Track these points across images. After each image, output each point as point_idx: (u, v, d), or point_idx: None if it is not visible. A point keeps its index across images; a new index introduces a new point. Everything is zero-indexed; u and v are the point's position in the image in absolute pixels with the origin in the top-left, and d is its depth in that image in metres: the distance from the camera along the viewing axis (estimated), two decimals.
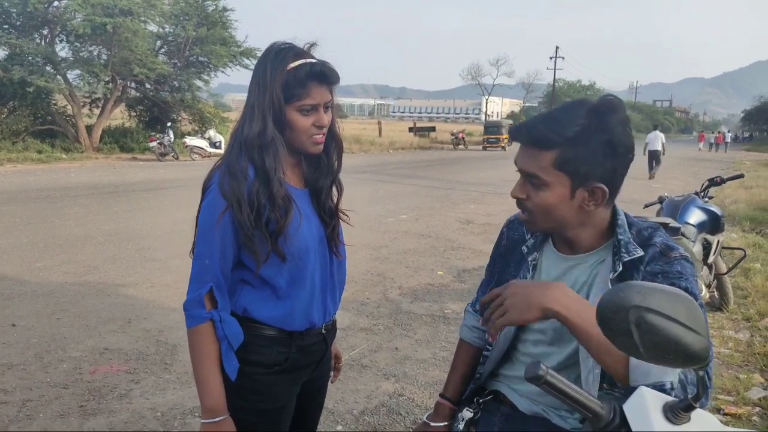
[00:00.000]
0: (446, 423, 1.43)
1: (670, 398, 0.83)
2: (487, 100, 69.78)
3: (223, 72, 22.40)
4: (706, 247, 4.64)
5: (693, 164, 24.60)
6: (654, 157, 17.32)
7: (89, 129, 19.67)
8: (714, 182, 5.11)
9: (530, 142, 1.15)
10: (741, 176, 5.67)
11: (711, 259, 4.65)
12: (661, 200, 4.95)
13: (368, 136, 30.80)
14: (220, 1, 21.06)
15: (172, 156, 18.56)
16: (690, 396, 0.79)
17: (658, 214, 4.76)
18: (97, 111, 20.49)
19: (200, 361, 1.36)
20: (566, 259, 1.25)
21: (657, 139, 17.65)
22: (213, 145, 19.60)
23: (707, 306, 4.93)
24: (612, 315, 0.78)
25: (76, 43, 18.78)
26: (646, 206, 5.19)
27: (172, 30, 21.01)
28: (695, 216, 4.66)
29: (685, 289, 1.07)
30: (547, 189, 1.15)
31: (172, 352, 3.75)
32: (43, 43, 18.53)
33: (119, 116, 22.37)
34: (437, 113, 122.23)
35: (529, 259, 1.30)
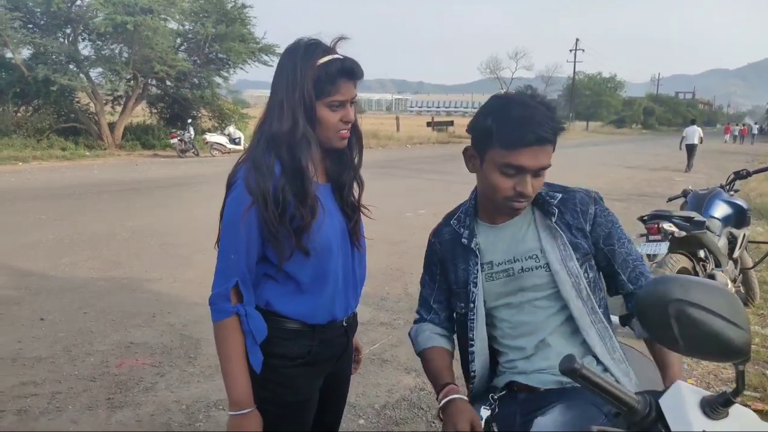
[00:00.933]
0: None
1: (707, 393, 0.81)
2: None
3: (241, 68, 22.52)
4: (732, 241, 4.57)
5: (718, 157, 24.16)
6: (691, 151, 17.83)
7: (111, 126, 19.95)
8: (740, 175, 5.01)
9: (549, 141, 1.30)
10: (767, 169, 5.56)
11: (737, 254, 4.57)
12: (685, 194, 4.87)
13: (386, 131, 30.76)
14: None
15: (193, 152, 18.75)
16: (728, 391, 0.78)
17: (682, 208, 4.69)
18: (119, 108, 20.76)
19: (227, 354, 1.38)
20: (499, 226, 1.44)
21: (695, 134, 18.16)
22: (232, 141, 19.75)
23: None
24: (652, 307, 0.78)
25: (98, 42, 19.04)
26: (670, 200, 5.11)
27: (191, 27, 21.16)
28: (720, 210, 4.59)
29: (621, 229, 1.42)
30: (545, 171, 1.35)
31: (196, 345, 3.80)
32: (66, 42, 18.81)
33: (141, 113, 22.65)
34: (455, 107, 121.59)
35: (473, 245, 1.43)
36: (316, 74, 1.34)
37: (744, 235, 4.66)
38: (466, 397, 1.37)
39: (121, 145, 19.72)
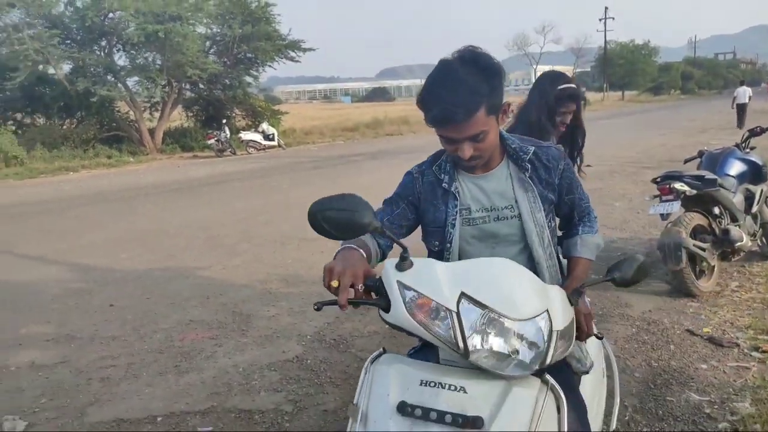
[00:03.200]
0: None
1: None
2: (535, 69, 68.08)
3: (270, 66, 23.08)
4: (749, 197, 4.71)
5: (759, 117, 23.46)
6: (742, 110, 18.96)
7: (151, 132, 20.81)
8: (754, 132, 5.13)
9: (463, 118, 1.39)
10: None
11: (755, 209, 4.72)
12: (700, 154, 5.02)
13: (417, 117, 30.80)
14: None
15: (230, 151, 19.40)
16: (407, 251, 1.29)
17: (698, 168, 4.85)
18: (156, 114, 21.60)
19: None
20: (479, 177, 1.60)
21: (745, 94, 19.28)
22: (266, 137, 20.32)
23: (754, 255, 5.00)
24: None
25: (132, 51, 19.84)
26: (686, 161, 5.27)
27: (219, 30, 21.78)
28: (735, 167, 4.73)
29: (575, 177, 1.68)
30: (488, 134, 1.47)
31: (247, 320, 4.24)
32: (102, 54, 19.67)
33: (177, 117, 23.48)
34: None
35: (452, 189, 1.59)
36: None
37: (761, 190, 4.79)
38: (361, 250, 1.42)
39: (161, 150, 20.56)
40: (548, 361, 1.21)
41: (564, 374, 1.45)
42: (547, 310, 1.23)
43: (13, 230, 8.03)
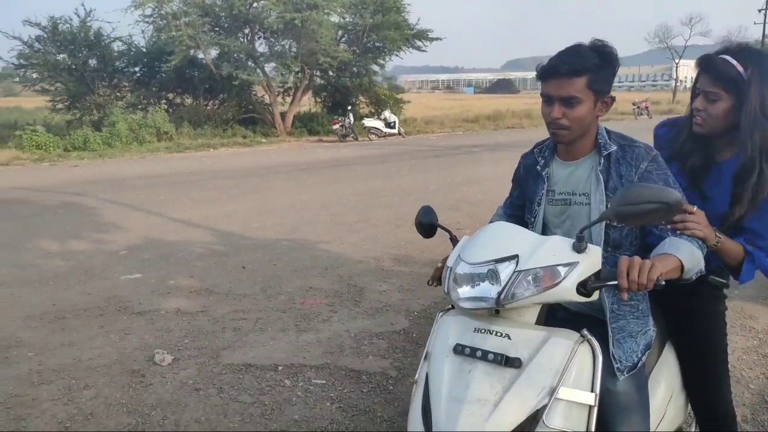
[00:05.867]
0: None
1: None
2: (677, 64, 62.90)
3: (396, 55, 23.54)
4: None
5: None
6: None
7: (283, 116, 22.15)
8: None
9: (567, 73, 1.58)
10: None
11: None
12: None
13: (540, 111, 29.94)
14: None
15: (352, 137, 20.16)
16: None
17: None
18: (288, 99, 22.95)
19: None
20: (569, 164, 1.75)
21: None
22: (388, 125, 20.86)
23: None
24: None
25: (271, 39, 21.19)
26: None
27: (351, 19, 22.58)
28: None
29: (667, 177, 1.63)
30: (581, 105, 1.61)
31: (360, 292, 4.57)
32: (245, 41, 21.22)
33: (306, 103, 24.76)
34: (619, 82, 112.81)
35: (543, 173, 1.79)
36: None
37: None
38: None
39: (290, 132, 21.85)
40: (512, 296, 1.39)
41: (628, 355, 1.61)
42: (517, 255, 1.41)
43: (167, 197, 9.10)
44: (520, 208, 1.92)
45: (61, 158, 15.47)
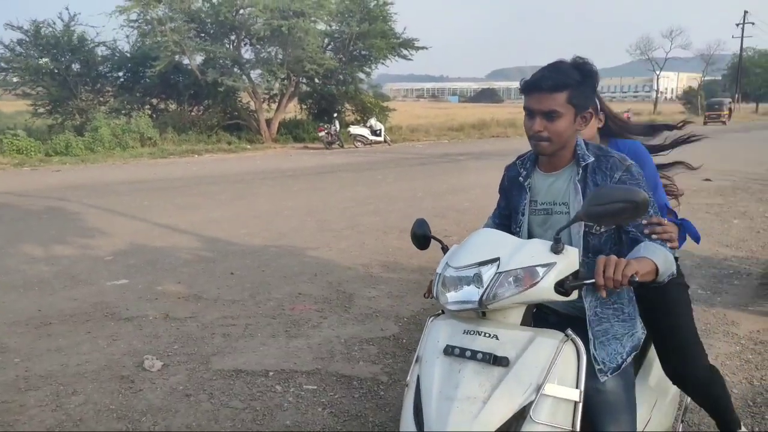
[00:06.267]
0: None
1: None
2: (658, 75, 64.00)
3: (382, 63, 23.66)
4: None
5: None
6: None
7: (268, 122, 22.13)
8: None
9: (549, 89, 1.66)
10: None
11: None
12: None
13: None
14: None
15: (338, 144, 20.21)
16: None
17: None
18: (274, 106, 22.93)
19: None
20: (550, 175, 1.82)
21: None
22: (374, 133, 20.95)
23: None
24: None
25: (257, 46, 21.18)
26: None
27: (338, 27, 22.66)
28: None
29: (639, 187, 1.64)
30: (561, 118, 1.68)
31: (349, 298, 4.58)
32: (231, 47, 21.18)
33: (292, 109, 24.75)
34: (602, 93, 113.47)
35: (525, 184, 1.86)
36: None
37: None
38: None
39: (276, 139, 21.82)
40: (494, 296, 1.46)
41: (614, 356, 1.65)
42: (499, 258, 1.49)
43: (151, 202, 9.03)
44: (507, 218, 1.99)
45: (42, 163, 15.28)
